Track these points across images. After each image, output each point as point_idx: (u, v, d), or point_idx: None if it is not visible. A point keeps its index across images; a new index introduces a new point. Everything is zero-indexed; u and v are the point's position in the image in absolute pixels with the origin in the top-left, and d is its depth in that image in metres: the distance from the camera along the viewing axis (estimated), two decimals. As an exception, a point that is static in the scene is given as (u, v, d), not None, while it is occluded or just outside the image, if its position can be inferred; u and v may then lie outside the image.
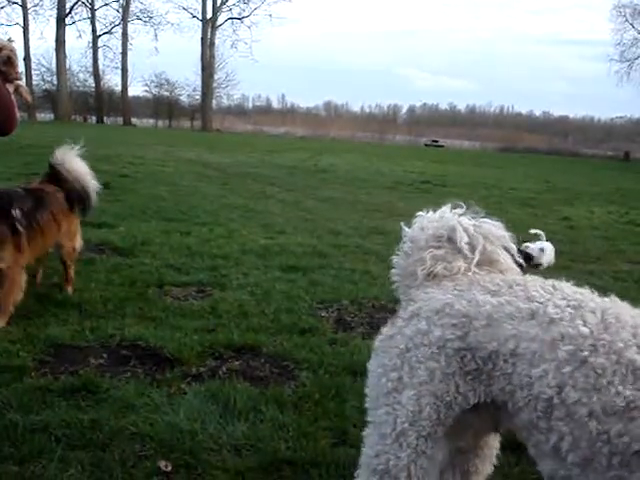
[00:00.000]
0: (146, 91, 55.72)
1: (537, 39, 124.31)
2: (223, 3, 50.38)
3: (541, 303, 1.54)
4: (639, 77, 46.35)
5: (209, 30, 50.01)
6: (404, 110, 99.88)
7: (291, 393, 2.93)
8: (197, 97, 52.44)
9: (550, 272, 5.86)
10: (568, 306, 1.52)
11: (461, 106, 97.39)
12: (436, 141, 48.95)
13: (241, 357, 3.35)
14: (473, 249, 1.77)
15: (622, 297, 4.71)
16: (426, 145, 47.41)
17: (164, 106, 53.90)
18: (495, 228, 1.82)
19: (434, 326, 1.64)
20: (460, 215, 1.85)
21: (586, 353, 1.41)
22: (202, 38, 50.19)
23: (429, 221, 1.91)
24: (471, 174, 18.56)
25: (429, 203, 7.86)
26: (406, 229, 1.83)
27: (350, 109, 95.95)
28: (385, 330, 1.74)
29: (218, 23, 50.36)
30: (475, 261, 1.75)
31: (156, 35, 66.91)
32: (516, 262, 1.83)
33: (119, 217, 7.14)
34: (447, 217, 1.88)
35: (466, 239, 1.78)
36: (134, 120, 52.28)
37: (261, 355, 3.38)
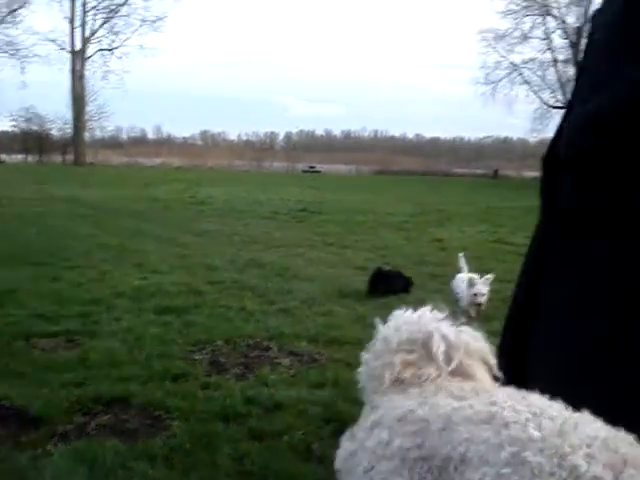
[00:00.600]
0: (14, 126, 53.83)
1: (408, 64, 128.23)
2: (92, 34, 49.45)
3: (502, 407, 1.43)
4: (503, 98, 48.47)
5: (79, 62, 48.90)
6: (281, 137, 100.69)
7: (162, 445, 2.85)
8: (69, 130, 51.05)
9: (424, 296, 6.03)
10: (529, 412, 1.42)
11: (337, 131, 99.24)
12: (313, 167, 49.53)
13: (111, 410, 3.24)
14: (449, 360, 1.63)
15: (491, 316, 4.88)
16: (304, 171, 47.92)
17: (34, 140, 52.15)
18: (474, 339, 1.70)
19: (395, 435, 1.48)
20: (440, 320, 1.71)
21: (528, 453, 1.32)
22: (72, 70, 49.00)
23: (405, 322, 1.74)
24: (348, 200, 18.87)
25: (305, 232, 8.08)
26: (380, 326, 1.68)
27: (227, 137, 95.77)
28: (345, 446, 1.57)
29: (88, 55, 49.30)
30: (448, 370, 1.62)
31: (23, 68, 64.76)
32: (494, 376, 1.69)
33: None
34: (425, 320, 1.73)
35: (443, 348, 1.65)
36: (2, 156, 50.34)
37: (132, 406, 3.29)
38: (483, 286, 5.38)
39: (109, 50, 49.20)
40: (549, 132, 49.93)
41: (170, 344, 4.28)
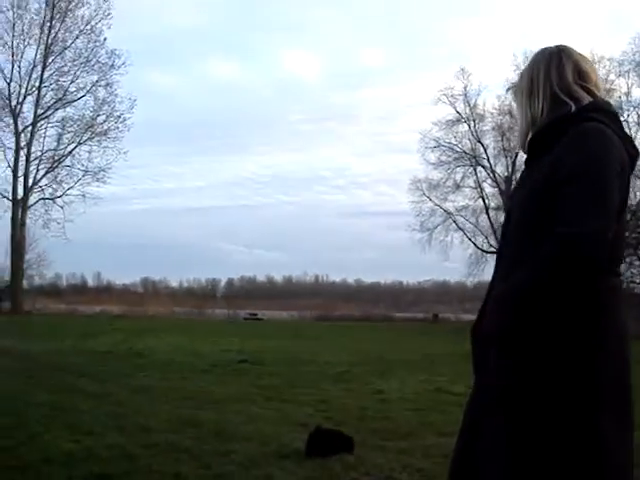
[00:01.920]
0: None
1: (344, 212, 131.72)
2: (35, 184, 49.72)
3: None
4: (439, 244, 49.96)
5: (20, 210, 48.85)
6: (222, 283, 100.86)
7: None
8: (6, 278, 50.24)
9: (365, 454, 5.96)
10: None
11: (278, 277, 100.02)
12: (254, 314, 49.42)
13: None
14: None
15: (432, 473, 4.82)
16: (245, 319, 47.75)
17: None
18: None
19: None
20: None
21: None
22: (12, 218, 48.84)
23: None
24: (289, 349, 18.81)
25: (245, 385, 7.96)
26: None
27: (168, 284, 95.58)
28: None
29: (30, 203, 49.32)
30: None
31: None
32: None
33: None
34: None
35: None
36: None
37: None
38: None
39: (51, 199, 49.36)
40: (485, 275, 51.36)
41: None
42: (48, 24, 46.95)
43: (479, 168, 49.65)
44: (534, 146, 2.37)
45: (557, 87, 2.33)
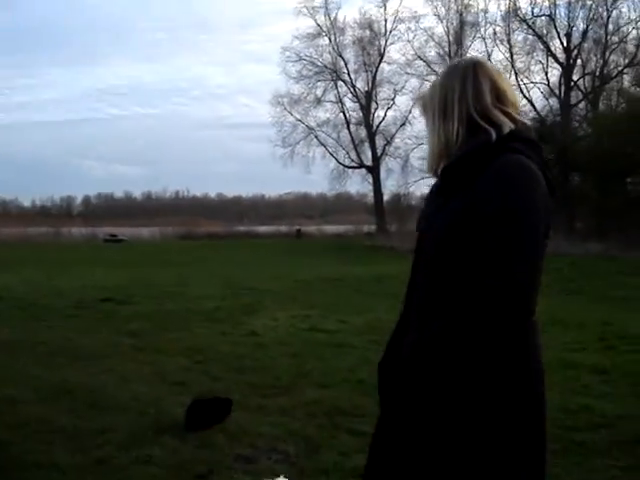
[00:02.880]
0: None
1: (203, 124, 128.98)
2: None
3: None
4: (301, 160, 50.19)
5: None
6: (79, 201, 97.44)
7: None
8: None
9: (247, 418, 5.86)
10: None
11: (137, 193, 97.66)
12: (115, 235, 48.10)
13: None
14: None
15: (318, 441, 4.78)
16: (105, 241, 46.40)
17: None
18: None
19: None
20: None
21: None
22: None
23: None
24: (156, 279, 18.41)
25: (113, 332, 7.60)
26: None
27: (20, 204, 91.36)
28: None
29: None
30: None
31: None
32: None
33: None
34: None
35: None
36: None
37: None
38: None
39: None
40: (347, 188, 52.23)
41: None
42: None
43: (340, 83, 49.68)
44: (449, 176, 2.19)
45: (474, 109, 2.15)
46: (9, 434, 5.57)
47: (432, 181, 2.42)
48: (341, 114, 50.27)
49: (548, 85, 42.80)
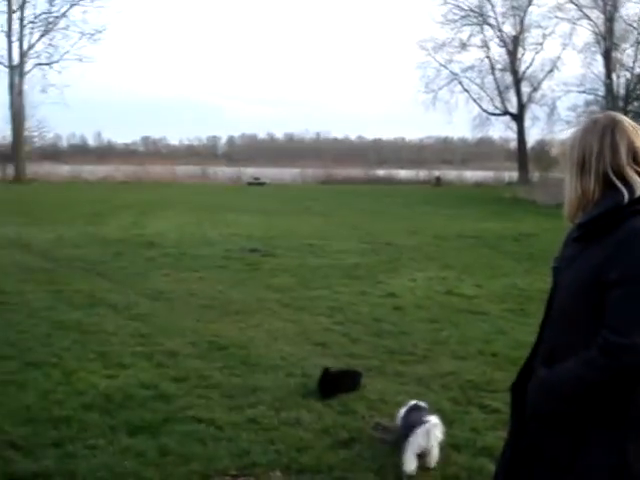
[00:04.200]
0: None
1: (349, 62, 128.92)
2: (30, 48, 48.65)
3: None
4: (443, 106, 49.66)
5: (17, 77, 48.11)
6: (224, 141, 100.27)
7: None
8: (8, 146, 50.15)
9: (386, 385, 6.25)
10: None
11: (279, 134, 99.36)
12: (257, 179, 49.52)
13: None
14: None
15: (452, 416, 5.11)
16: (249, 184, 47.88)
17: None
18: None
19: None
20: None
21: None
22: (10, 85, 48.20)
23: None
24: (297, 231, 19.03)
25: (260, 287, 8.15)
26: None
27: (169, 143, 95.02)
28: None
29: (26, 69, 48.53)
30: None
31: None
32: None
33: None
34: None
35: None
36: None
37: None
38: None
39: (48, 64, 48.47)
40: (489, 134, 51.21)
41: (148, 485, 4.39)
42: None
43: (486, 27, 48.31)
44: (585, 230, 2.42)
45: (610, 167, 2.35)
46: (173, 387, 6.22)
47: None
48: (486, 59, 49.12)
49: None
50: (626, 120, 2.47)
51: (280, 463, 4.73)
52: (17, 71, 48.05)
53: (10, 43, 48.17)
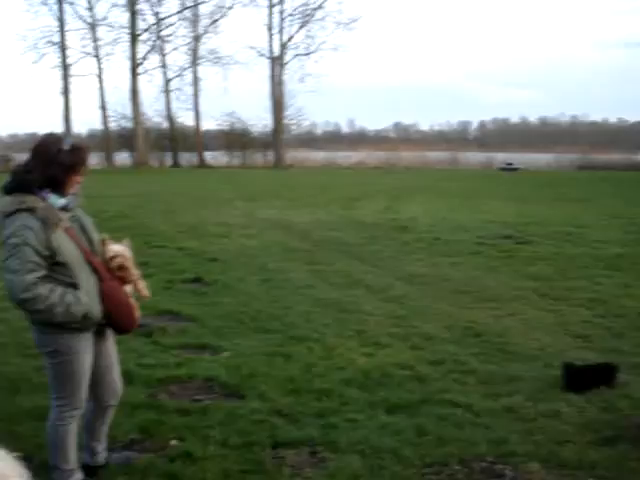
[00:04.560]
0: (219, 124, 57.12)
1: (604, 44, 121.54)
2: (289, 40, 51.30)
3: None
4: None
5: (277, 67, 50.97)
6: (474, 126, 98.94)
7: None
8: (268, 133, 53.36)
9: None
10: None
11: (532, 118, 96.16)
12: (510, 164, 48.31)
13: None
14: None
15: None
16: (501, 169, 46.91)
17: (236, 141, 54.93)
18: None
19: None
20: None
21: None
22: (271, 76, 51.19)
23: None
24: (553, 217, 18.37)
25: (515, 274, 7.95)
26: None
27: (419, 128, 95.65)
28: None
29: (285, 60, 51.29)
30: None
31: (225, 75, 68.64)
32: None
33: (219, 332, 7.37)
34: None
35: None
36: (207, 155, 53.57)
37: None
38: None
39: (305, 55, 50.96)
40: None
41: (405, 463, 4.46)
42: None
43: None
44: None
45: None
46: (429, 370, 6.27)
47: None
48: None
49: None
50: None
51: (538, 455, 4.59)
52: (277, 62, 50.99)
53: (271, 36, 51.28)
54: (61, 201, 3.76)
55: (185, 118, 69.78)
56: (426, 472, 4.39)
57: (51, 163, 3.68)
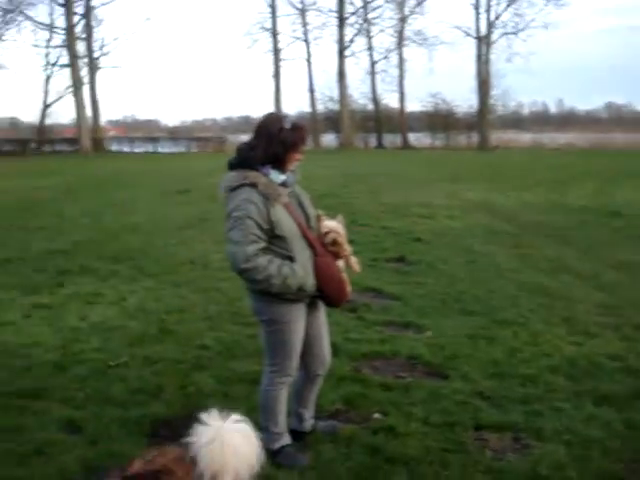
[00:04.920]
0: (423, 105, 57.00)
1: None
2: (496, 18, 50.03)
3: None
4: None
5: (484, 47, 49.93)
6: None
7: None
8: (473, 114, 52.45)
9: None
10: None
11: None
12: None
13: None
14: None
15: None
16: None
17: (440, 123, 54.49)
18: None
19: None
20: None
21: None
22: (477, 56, 50.24)
23: None
24: None
25: None
26: None
27: (634, 109, 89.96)
28: None
29: (492, 40, 50.10)
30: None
31: (430, 56, 68.42)
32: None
33: (422, 312, 7.43)
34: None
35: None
36: (411, 136, 53.64)
37: None
38: None
39: (513, 33, 49.46)
40: None
41: (613, 456, 4.26)
42: None
43: None
44: None
45: None
46: (641, 363, 5.95)
47: None
48: None
49: None
50: None
51: None
52: (484, 41, 49.88)
53: (477, 15, 50.21)
54: (281, 177, 3.96)
55: (390, 99, 69.96)
56: (635, 468, 4.20)
57: (273, 141, 3.88)
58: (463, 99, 60.50)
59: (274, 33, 54.74)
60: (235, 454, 2.81)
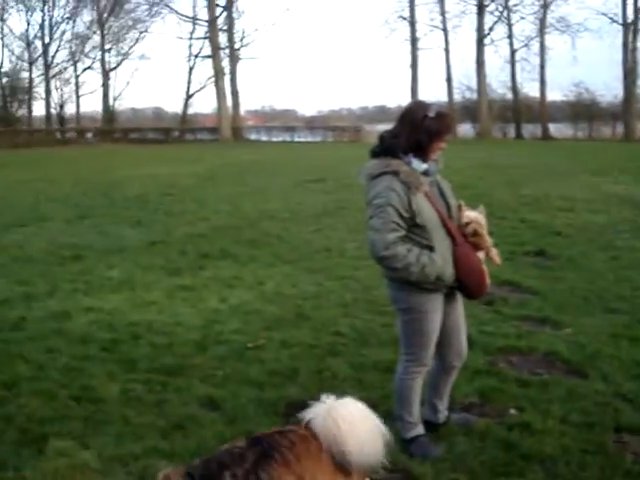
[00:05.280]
0: (565, 95, 55.03)
1: None
2: (644, 4, 47.58)
3: None
4: None
5: (630, 34, 47.63)
6: None
7: None
8: (618, 104, 50.12)
9: None
10: None
11: None
12: None
13: None
14: None
15: None
16: None
17: (583, 113, 52.37)
18: None
19: None
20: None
21: None
22: (623, 43, 48.02)
23: None
24: None
25: None
26: None
27: None
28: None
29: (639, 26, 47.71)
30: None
31: (574, 44, 65.99)
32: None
33: (561, 308, 7.20)
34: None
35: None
36: (551, 127, 51.94)
37: None
38: None
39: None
40: None
41: None
42: None
43: None
44: None
45: None
46: None
47: None
48: None
49: None
50: None
51: None
52: (631, 28, 47.50)
53: (624, 0, 47.76)
54: (423, 166, 3.94)
55: (530, 89, 67.96)
56: None
57: (417, 129, 3.86)
58: (608, 88, 57.71)
59: (412, 22, 54.34)
60: (352, 429, 2.81)
